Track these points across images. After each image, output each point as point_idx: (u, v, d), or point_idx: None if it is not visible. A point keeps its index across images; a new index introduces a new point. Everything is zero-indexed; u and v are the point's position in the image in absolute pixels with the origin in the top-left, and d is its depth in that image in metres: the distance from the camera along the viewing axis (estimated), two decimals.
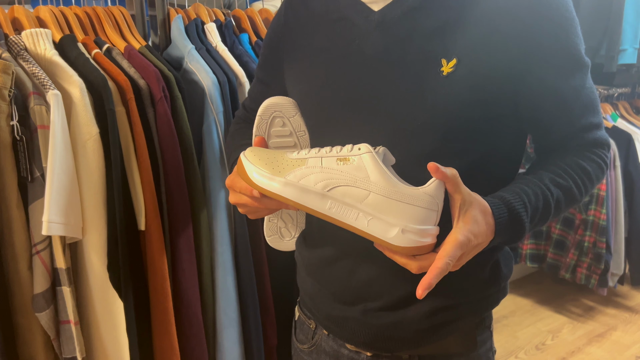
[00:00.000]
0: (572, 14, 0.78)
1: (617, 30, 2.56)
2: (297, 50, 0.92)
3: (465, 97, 0.76)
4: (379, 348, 0.90)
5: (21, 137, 1.04)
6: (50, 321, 1.12)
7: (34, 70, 1.08)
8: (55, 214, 1.04)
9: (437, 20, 0.77)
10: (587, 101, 0.81)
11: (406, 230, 0.70)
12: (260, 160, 0.76)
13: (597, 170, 0.83)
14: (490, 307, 0.91)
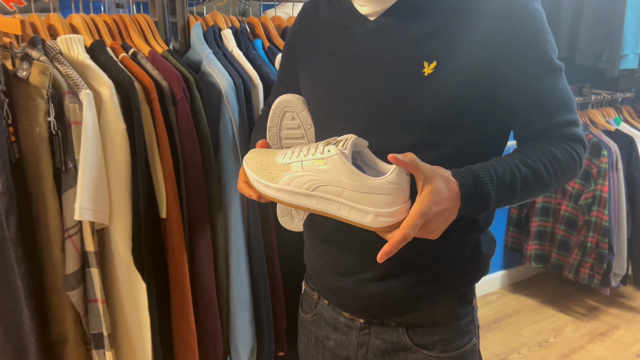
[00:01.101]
0: (542, 23, 0.88)
1: (618, 36, 2.63)
2: (309, 53, 1.04)
3: (443, 94, 0.87)
4: (370, 315, 1.01)
5: (57, 132, 1.16)
6: (80, 299, 1.23)
7: (68, 72, 1.19)
8: (86, 201, 1.15)
9: (422, 29, 0.88)
10: (560, 100, 0.90)
11: (379, 215, 0.81)
12: (256, 169, 0.89)
13: (569, 159, 0.91)
14: (470, 283, 1.01)
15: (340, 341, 1.06)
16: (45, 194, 1.17)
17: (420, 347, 1.00)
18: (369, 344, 1.03)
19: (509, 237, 3.26)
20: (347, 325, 1.05)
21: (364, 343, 1.03)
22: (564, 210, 2.96)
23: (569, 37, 2.76)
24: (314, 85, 1.03)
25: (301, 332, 1.17)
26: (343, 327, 1.06)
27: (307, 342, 1.14)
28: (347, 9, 0.97)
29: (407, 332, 1.00)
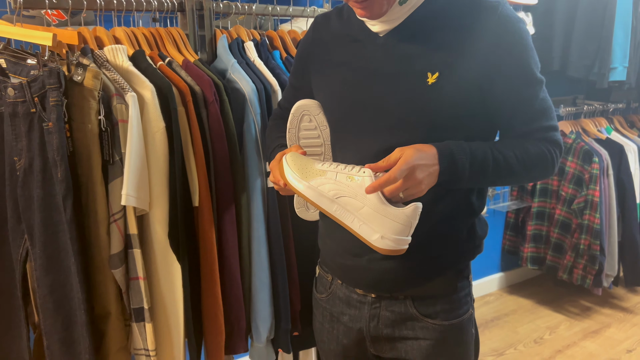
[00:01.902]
0: (528, 42, 1.05)
1: (607, 50, 2.80)
2: (322, 63, 1.21)
3: (444, 100, 1.04)
4: (381, 290, 1.17)
5: (106, 129, 1.33)
6: (123, 277, 1.40)
7: (115, 77, 1.37)
8: (131, 189, 1.32)
9: (425, 44, 1.05)
10: (540, 108, 1.07)
11: (385, 237, 0.98)
12: (295, 166, 1.05)
13: (541, 155, 1.07)
14: (467, 260, 1.18)
15: (354, 315, 1.21)
16: (94, 182, 1.34)
17: (425, 317, 1.16)
18: (380, 315, 1.18)
19: (506, 240, 3.42)
20: (359, 300, 1.20)
21: (375, 315, 1.19)
22: (558, 214, 3.12)
23: (561, 51, 2.93)
24: (329, 92, 1.19)
25: (316, 311, 1.32)
26: (356, 303, 1.21)
27: (322, 320, 1.30)
28: (358, 25, 1.14)
29: (413, 304, 1.16)
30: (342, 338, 1.24)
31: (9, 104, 1.36)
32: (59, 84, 1.27)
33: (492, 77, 1.04)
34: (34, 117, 1.33)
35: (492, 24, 1.03)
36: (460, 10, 1.05)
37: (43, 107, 1.32)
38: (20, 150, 1.37)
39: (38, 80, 1.31)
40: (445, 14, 1.06)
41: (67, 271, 1.38)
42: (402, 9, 1.06)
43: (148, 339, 1.43)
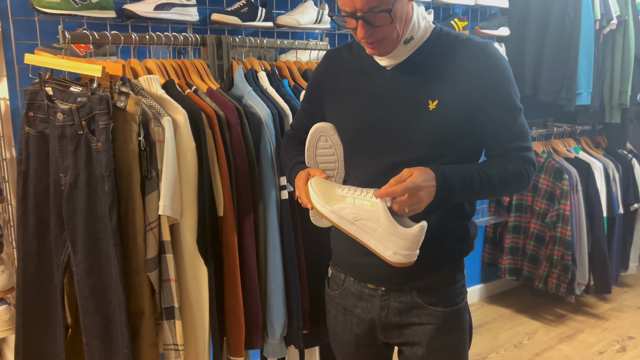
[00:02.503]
0: (509, 75, 1.29)
1: (573, 77, 3.09)
2: (335, 91, 1.42)
3: (442, 123, 1.26)
4: (390, 283, 1.37)
5: (145, 148, 1.52)
6: (157, 279, 1.58)
7: (152, 104, 1.57)
8: (167, 201, 1.51)
9: (426, 76, 1.28)
10: (517, 131, 1.30)
11: (397, 253, 1.19)
12: (319, 191, 1.26)
13: (518, 173, 1.30)
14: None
15: (366, 307, 1.41)
16: (134, 195, 1.53)
17: (428, 305, 1.36)
18: (389, 306, 1.38)
19: (485, 253, 3.65)
20: (370, 294, 1.40)
21: (385, 306, 1.38)
22: (533, 227, 3.37)
23: (532, 77, 3.22)
24: (342, 116, 1.39)
25: (330, 307, 1.51)
26: (367, 296, 1.40)
27: (336, 314, 1.48)
28: (368, 59, 1.35)
29: (418, 294, 1.36)
30: (355, 328, 1.43)
31: (57, 126, 1.54)
32: (108, 110, 1.46)
33: (480, 104, 1.26)
34: (81, 138, 1.52)
35: (480, 61, 1.26)
36: (455, 49, 1.28)
37: (90, 129, 1.51)
38: (67, 168, 1.55)
39: (86, 106, 1.50)
40: (442, 51, 1.29)
41: (107, 275, 1.55)
42: (406, 47, 1.29)
43: (177, 335, 1.60)
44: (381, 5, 1.17)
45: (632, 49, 3.22)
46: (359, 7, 1.17)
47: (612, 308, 3.55)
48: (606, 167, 3.44)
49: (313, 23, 2.40)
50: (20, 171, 1.65)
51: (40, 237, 1.68)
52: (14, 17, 1.93)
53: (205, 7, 2.28)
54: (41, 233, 1.67)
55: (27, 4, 1.91)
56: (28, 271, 1.69)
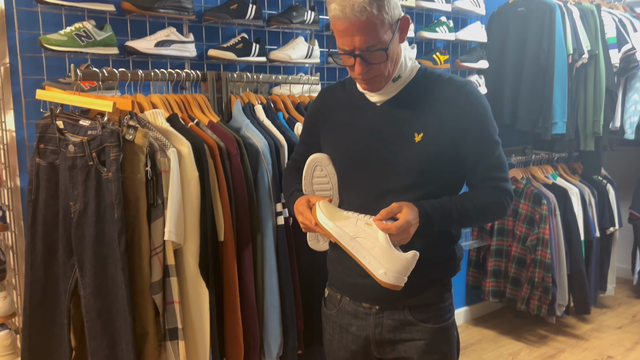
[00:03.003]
0: (488, 112, 1.42)
1: (549, 107, 3.26)
2: (330, 124, 1.54)
3: (427, 154, 1.39)
4: (384, 302, 1.47)
5: (152, 178, 1.63)
6: (161, 301, 1.66)
7: (157, 136, 1.68)
8: (173, 227, 1.61)
9: (412, 111, 1.41)
10: (495, 163, 1.43)
11: (387, 273, 1.29)
12: (326, 211, 1.38)
13: (495, 204, 1.43)
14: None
15: (361, 325, 1.50)
16: (140, 222, 1.62)
17: (420, 322, 1.46)
18: (383, 323, 1.48)
19: (469, 276, 3.77)
20: (365, 313, 1.50)
21: (379, 323, 1.48)
22: (515, 250, 3.50)
23: (511, 107, 3.38)
24: (337, 147, 1.51)
25: (326, 325, 1.60)
26: (362, 315, 1.50)
27: (332, 332, 1.58)
28: (359, 95, 1.48)
29: (410, 312, 1.46)
30: (351, 345, 1.53)
31: (68, 158, 1.64)
32: (118, 142, 1.57)
33: (461, 137, 1.40)
34: (91, 169, 1.62)
35: (461, 98, 1.40)
36: (438, 87, 1.42)
37: (100, 160, 1.61)
38: (76, 196, 1.65)
39: (97, 139, 1.61)
40: (427, 89, 1.43)
41: (113, 297, 1.64)
42: (394, 85, 1.42)
43: (181, 355, 1.68)
44: (377, 45, 1.31)
45: (603, 81, 3.41)
46: (357, 46, 1.30)
47: (592, 328, 3.67)
48: (582, 192, 3.60)
49: (304, 58, 2.54)
50: (30, 200, 1.74)
51: (47, 263, 1.76)
52: (22, 53, 2.04)
53: (202, 43, 2.41)
54: (48, 259, 1.75)
55: (35, 41, 2.03)
56: (35, 296, 1.76)
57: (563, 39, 3.24)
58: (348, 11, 1.26)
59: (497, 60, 3.42)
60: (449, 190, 1.44)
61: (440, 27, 3.13)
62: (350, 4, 1.26)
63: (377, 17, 1.28)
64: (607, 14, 3.58)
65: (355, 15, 1.26)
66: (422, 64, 1.49)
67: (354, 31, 1.28)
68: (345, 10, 1.27)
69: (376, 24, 1.29)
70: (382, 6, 1.28)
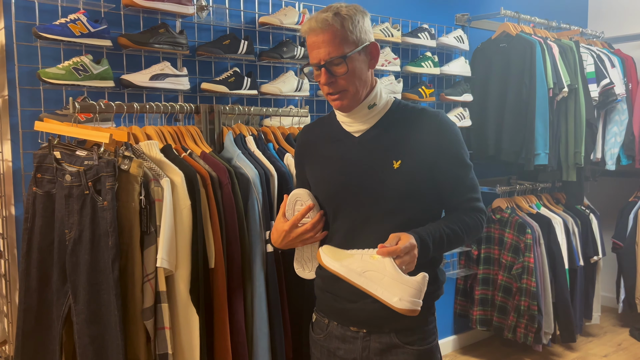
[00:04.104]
0: (459, 138, 1.52)
1: (531, 139, 3.36)
2: (313, 158, 1.62)
3: (406, 179, 1.47)
4: (371, 326, 1.53)
5: (145, 206, 1.68)
6: (152, 327, 1.70)
7: (152, 166, 1.74)
8: (165, 254, 1.66)
9: (390, 140, 1.50)
10: (469, 185, 1.53)
11: (402, 299, 1.34)
12: (329, 252, 1.45)
13: (474, 222, 1.53)
14: (434, 300, 1.57)
15: (348, 349, 1.55)
16: (134, 249, 1.67)
17: (405, 344, 1.52)
18: (370, 347, 1.53)
19: (457, 305, 3.81)
20: (352, 336, 1.55)
21: (367, 347, 1.53)
22: (501, 279, 3.56)
23: (495, 139, 3.49)
24: (321, 178, 1.59)
25: (314, 349, 1.65)
26: (350, 338, 1.55)
27: (319, 356, 1.62)
28: (339, 129, 1.57)
29: (396, 335, 1.52)
30: None
31: (64, 187, 1.70)
32: (114, 172, 1.63)
33: (437, 163, 1.49)
34: (87, 198, 1.68)
35: (434, 126, 1.50)
36: (412, 117, 1.53)
37: (95, 189, 1.67)
38: (72, 224, 1.70)
39: (93, 169, 1.67)
40: (402, 119, 1.53)
41: (106, 323, 1.68)
42: (371, 113, 1.52)
43: None
44: (340, 56, 1.44)
45: (583, 114, 3.53)
46: (322, 57, 1.43)
47: (578, 357, 3.71)
48: (566, 221, 3.69)
49: (294, 91, 2.64)
50: (26, 228, 1.79)
51: (41, 290, 1.80)
52: (21, 86, 2.11)
53: (195, 76, 2.50)
54: (42, 286, 1.79)
55: (33, 74, 2.10)
56: (28, 322, 1.80)
57: (544, 73, 3.37)
58: (314, 25, 1.43)
59: (481, 93, 3.53)
60: (430, 216, 1.52)
61: (426, 62, 3.26)
62: (316, 18, 1.43)
63: (339, 32, 1.42)
64: (586, 50, 3.73)
65: (320, 28, 1.42)
66: (396, 98, 1.59)
67: (319, 44, 1.43)
68: (312, 25, 1.43)
69: (339, 38, 1.42)
70: (345, 23, 1.43)
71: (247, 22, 2.68)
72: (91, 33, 2.13)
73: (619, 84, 3.76)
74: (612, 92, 3.68)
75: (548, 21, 3.81)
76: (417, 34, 3.21)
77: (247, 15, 2.68)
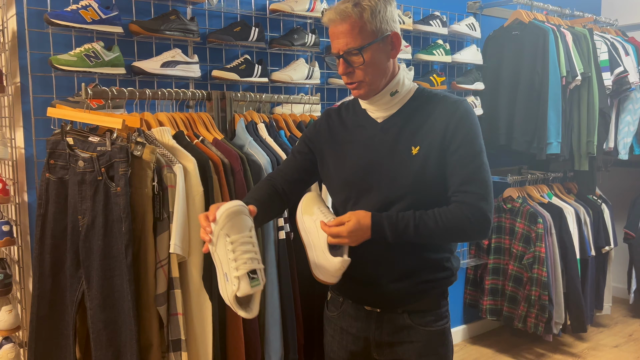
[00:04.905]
0: (477, 129, 1.49)
1: (543, 128, 3.32)
2: (334, 142, 1.60)
3: (422, 164, 1.47)
4: (385, 306, 1.54)
5: (158, 192, 1.68)
6: (165, 313, 1.71)
7: (164, 152, 1.74)
8: (178, 240, 1.66)
9: (410, 128, 1.50)
10: (473, 178, 1.46)
11: (320, 270, 1.43)
12: (307, 202, 1.55)
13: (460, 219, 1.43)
14: (447, 284, 1.57)
15: (361, 327, 1.57)
16: (147, 235, 1.68)
17: (418, 325, 1.53)
18: (383, 326, 1.55)
19: (467, 295, 3.80)
20: (366, 315, 1.57)
21: (380, 326, 1.55)
22: (511, 269, 3.54)
23: (506, 128, 3.46)
24: (342, 163, 1.58)
25: (327, 327, 1.66)
26: (364, 317, 1.57)
27: (333, 333, 1.64)
28: (362, 114, 1.57)
29: (409, 316, 1.53)
30: (351, 346, 1.59)
31: (78, 173, 1.70)
32: (127, 158, 1.63)
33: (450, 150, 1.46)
34: (100, 184, 1.68)
35: (453, 114, 1.48)
36: (435, 104, 1.51)
37: (108, 175, 1.67)
38: (85, 210, 1.70)
39: (106, 155, 1.67)
40: (424, 107, 1.51)
41: (119, 309, 1.68)
42: (393, 100, 1.51)
43: None
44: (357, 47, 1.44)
45: (597, 102, 3.49)
46: (340, 48, 1.44)
47: (589, 347, 3.69)
48: (577, 211, 3.66)
49: (304, 79, 2.62)
50: (40, 214, 1.80)
51: (55, 276, 1.80)
52: (33, 73, 2.11)
53: (206, 64, 2.49)
54: (56, 271, 1.80)
55: (45, 61, 2.10)
56: (42, 308, 1.81)
57: (557, 61, 3.33)
58: (333, 15, 1.43)
59: (493, 82, 3.50)
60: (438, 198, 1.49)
61: (437, 50, 3.23)
62: (336, 9, 1.43)
63: (357, 23, 1.42)
64: (600, 38, 3.68)
65: (339, 19, 1.42)
66: (420, 85, 1.57)
67: (338, 34, 1.44)
68: (331, 15, 1.44)
69: (357, 29, 1.42)
70: (365, 14, 1.42)
71: (258, 9, 2.66)
72: (102, 19, 2.12)
73: (633, 72, 3.71)
74: (625, 80, 3.64)
75: (561, 9, 3.76)
76: (429, 21, 3.18)
77: (257, 2, 2.66)
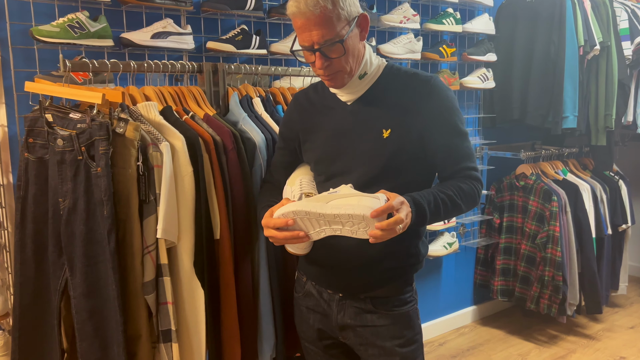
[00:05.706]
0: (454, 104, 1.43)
1: (559, 101, 3.17)
2: (306, 125, 1.57)
3: (394, 148, 1.41)
4: (347, 291, 1.51)
5: (143, 173, 1.55)
6: (154, 302, 1.59)
7: (150, 129, 1.61)
8: (165, 224, 1.54)
9: (380, 109, 1.43)
10: (464, 154, 1.45)
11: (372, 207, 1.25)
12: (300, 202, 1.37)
13: (471, 190, 1.44)
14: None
15: (325, 308, 1.55)
16: (132, 219, 1.55)
17: (380, 310, 1.50)
18: (345, 310, 1.52)
19: (477, 275, 3.69)
20: (329, 298, 1.55)
21: (342, 309, 1.52)
22: (524, 249, 3.42)
23: (520, 102, 3.30)
24: (315, 145, 1.54)
25: (296, 309, 1.65)
26: (327, 299, 1.55)
27: (300, 314, 1.63)
28: (331, 96, 1.52)
29: (371, 301, 1.50)
30: (318, 325, 1.58)
31: (57, 152, 1.58)
32: (108, 136, 1.50)
33: (429, 130, 1.41)
34: (80, 164, 1.55)
35: (425, 92, 1.42)
36: (404, 83, 1.45)
37: (89, 154, 1.54)
38: (65, 193, 1.58)
39: (86, 132, 1.54)
40: (394, 86, 1.45)
41: (104, 298, 1.57)
42: (362, 83, 1.45)
43: (174, 358, 1.61)
44: (335, 38, 1.33)
45: (616, 73, 3.31)
46: (315, 41, 1.34)
47: (603, 328, 3.58)
48: (594, 188, 3.51)
49: None
50: (19, 196, 1.68)
51: (38, 262, 1.69)
52: (13, 45, 1.98)
53: (200, 35, 2.34)
54: (39, 257, 1.69)
55: (27, 33, 1.96)
56: (25, 296, 1.70)
57: (574, 30, 3.15)
58: (302, 7, 1.31)
59: (506, 53, 3.33)
60: (420, 185, 1.44)
61: (447, 19, 3.05)
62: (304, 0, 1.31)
63: (331, 12, 1.32)
64: (620, 5, 3.48)
65: (310, 10, 1.30)
66: (390, 60, 1.51)
67: (310, 26, 1.32)
68: (300, 6, 1.31)
69: (332, 18, 1.32)
70: (336, 1, 1.32)
71: None
72: None
73: None
74: None
75: None
76: None
77: None
